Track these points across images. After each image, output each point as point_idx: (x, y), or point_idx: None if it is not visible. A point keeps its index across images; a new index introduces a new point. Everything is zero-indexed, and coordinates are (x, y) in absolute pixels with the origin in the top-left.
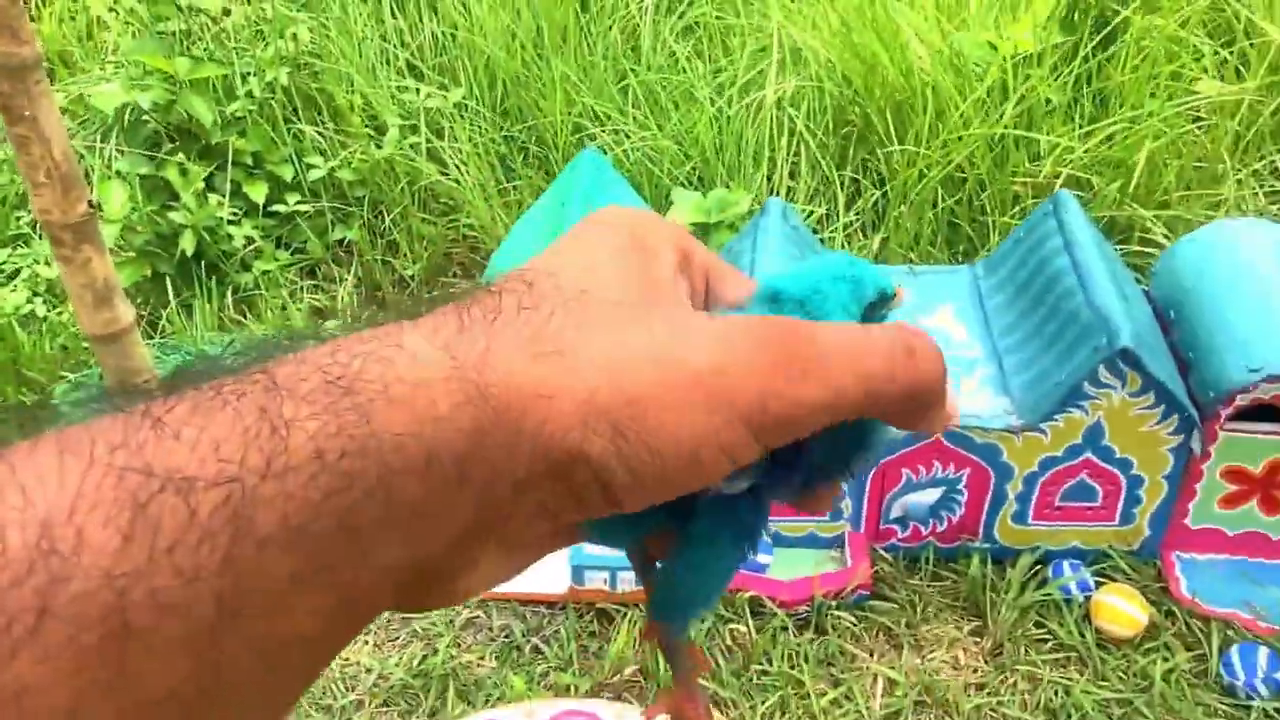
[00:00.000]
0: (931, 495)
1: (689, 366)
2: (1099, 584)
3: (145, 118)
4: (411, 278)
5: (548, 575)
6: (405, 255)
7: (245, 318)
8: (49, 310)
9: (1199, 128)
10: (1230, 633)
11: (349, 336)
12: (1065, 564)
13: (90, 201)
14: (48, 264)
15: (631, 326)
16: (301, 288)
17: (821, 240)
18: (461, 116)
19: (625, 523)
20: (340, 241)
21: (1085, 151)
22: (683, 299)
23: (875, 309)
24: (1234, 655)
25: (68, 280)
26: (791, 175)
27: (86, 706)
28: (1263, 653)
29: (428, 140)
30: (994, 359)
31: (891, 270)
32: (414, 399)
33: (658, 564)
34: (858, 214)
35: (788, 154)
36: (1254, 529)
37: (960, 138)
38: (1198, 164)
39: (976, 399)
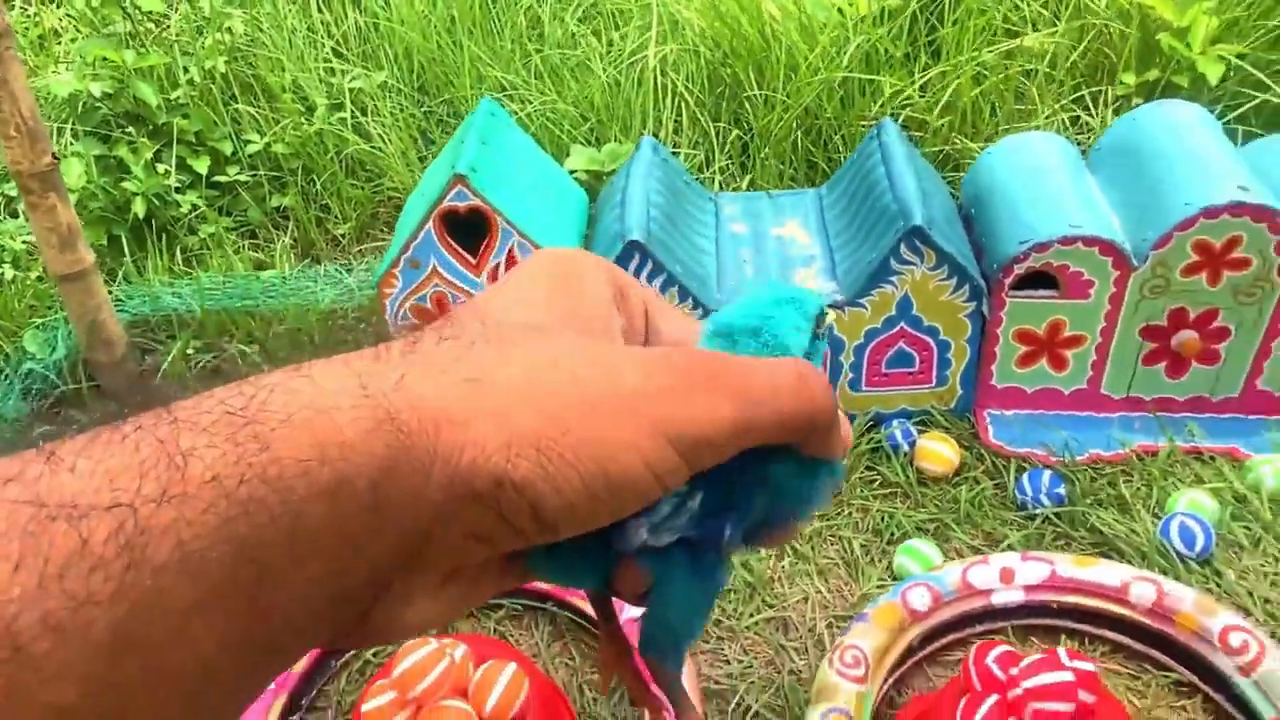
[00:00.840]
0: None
1: (609, 388)
2: (921, 434)
3: (98, 105)
4: (342, 236)
5: None
6: (336, 217)
7: (193, 269)
8: (17, 272)
9: (1021, 71)
10: (1024, 464)
11: (260, 374)
12: (895, 422)
13: (53, 154)
14: (12, 238)
15: (553, 350)
16: (243, 247)
17: (700, 181)
18: (384, 95)
19: (575, 558)
20: (277, 208)
21: (921, 96)
22: (614, 332)
23: (819, 327)
24: (1025, 480)
25: (36, 225)
26: (675, 130)
27: None
28: (1046, 475)
29: (353, 116)
30: (827, 254)
31: (754, 199)
32: (318, 426)
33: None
34: (730, 157)
35: (671, 111)
36: (1047, 385)
37: (809, 83)
38: (1018, 105)
39: (810, 284)
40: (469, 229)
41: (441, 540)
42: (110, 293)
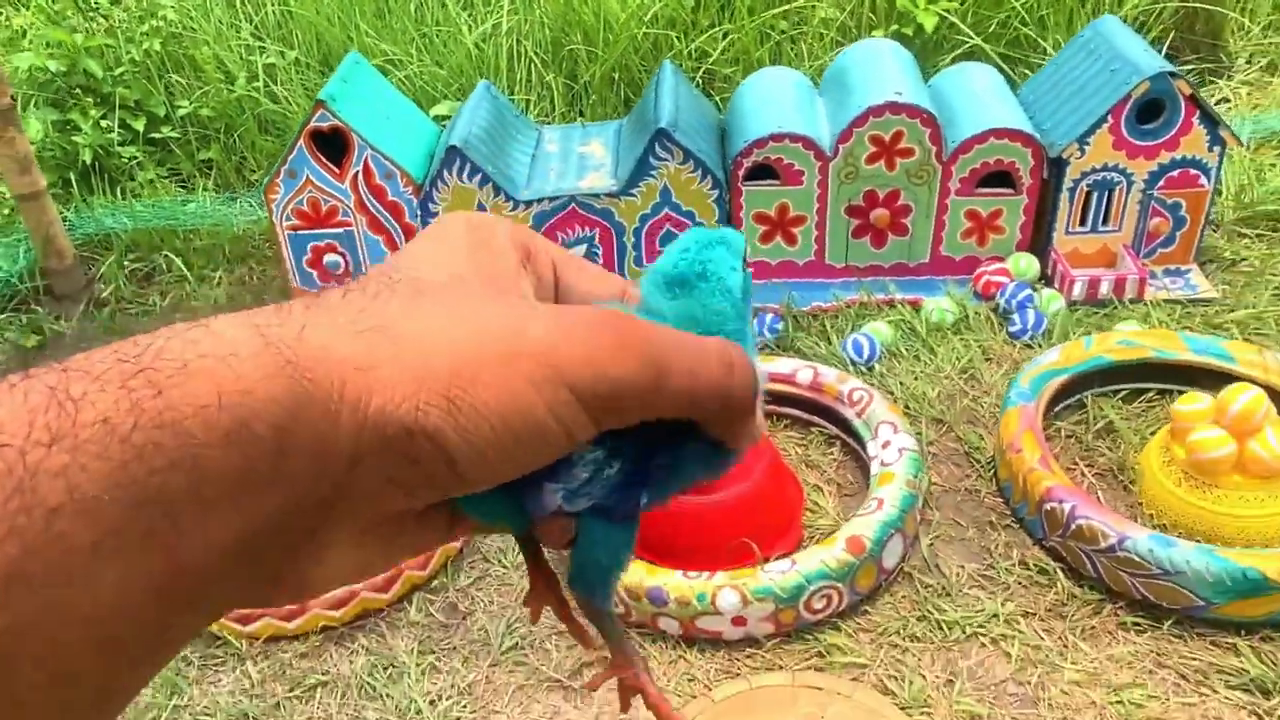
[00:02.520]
0: (579, 250)
1: (518, 340)
2: None
3: (54, 78)
4: (255, 180)
5: None
6: (252, 166)
7: (136, 200)
8: None
9: (795, 31)
10: (755, 313)
11: (160, 326)
12: None
13: (11, 95)
14: None
15: (461, 304)
16: (174, 190)
17: (546, 122)
18: (295, 68)
19: (499, 506)
20: (204, 160)
21: (723, 53)
22: (521, 286)
23: (746, 266)
24: (753, 320)
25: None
26: (526, 85)
27: None
28: (768, 317)
29: (266, 85)
30: (614, 162)
31: (571, 128)
32: (216, 372)
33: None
34: (568, 104)
35: (522, 70)
36: (784, 258)
37: (619, 41)
38: (794, 55)
39: (597, 182)
40: (337, 147)
41: (356, 488)
42: (63, 216)
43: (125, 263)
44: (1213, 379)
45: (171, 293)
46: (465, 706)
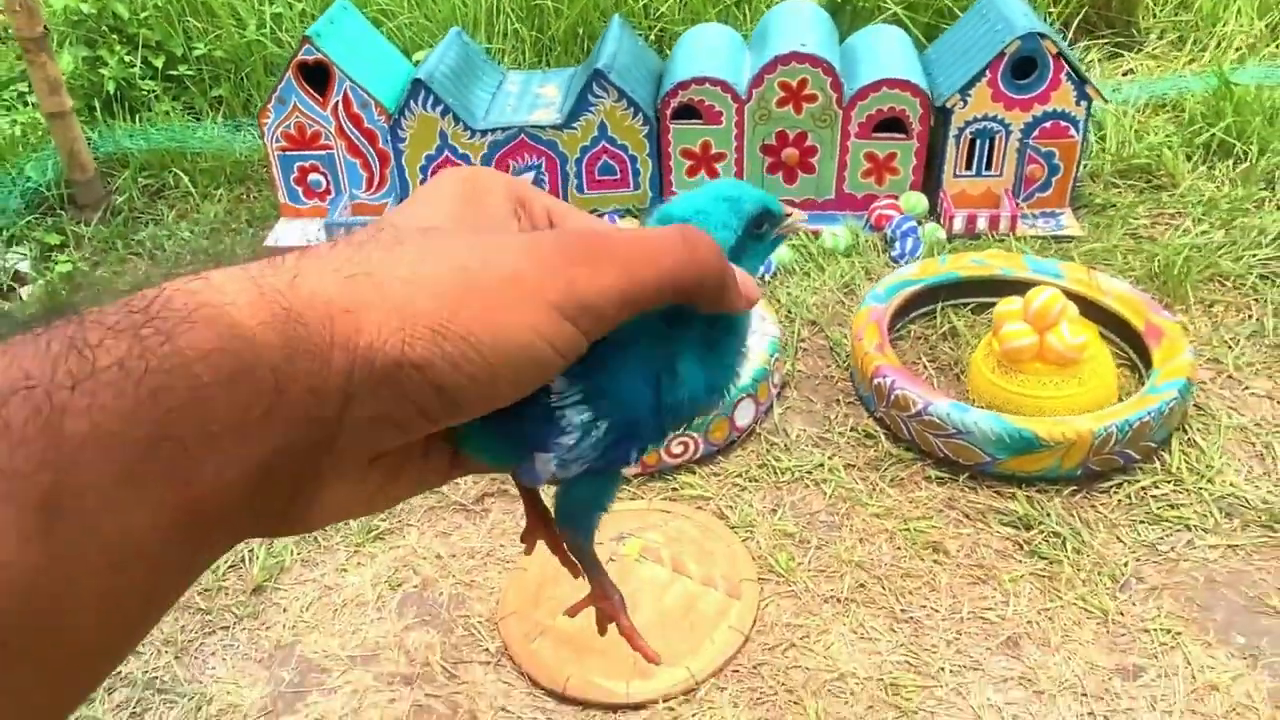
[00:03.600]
0: (528, 177)
1: (496, 268)
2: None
3: (85, 18)
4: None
5: None
6: (256, 103)
7: (151, 126)
8: (21, 129)
9: None
10: None
11: (163, 279)
12: (609, 217)
13: (45, 26)
14: (19, 111)
15: (441, 244)
16: (188, 123)
17: (508, 67)
18: (299, 18)
19: (499, 445)
20: (216, 97)
21: (673, 10)
22: (508, 228)
23: (761, 227)
24: None
25: (33, 76)
26: (503, 37)
27: None
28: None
29: (273, 31)
30: (562, 99)
31: (532, 73)
32: (217, 319)
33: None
34: (536, 55)
35: (499, 24)
36: None
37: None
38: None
39: (544, 116)
40: (321, 79)
41: (351, 424)
42: (86, 136)
43: (139, 178)
44: None
45: (178, 206)
46: (383, 519)
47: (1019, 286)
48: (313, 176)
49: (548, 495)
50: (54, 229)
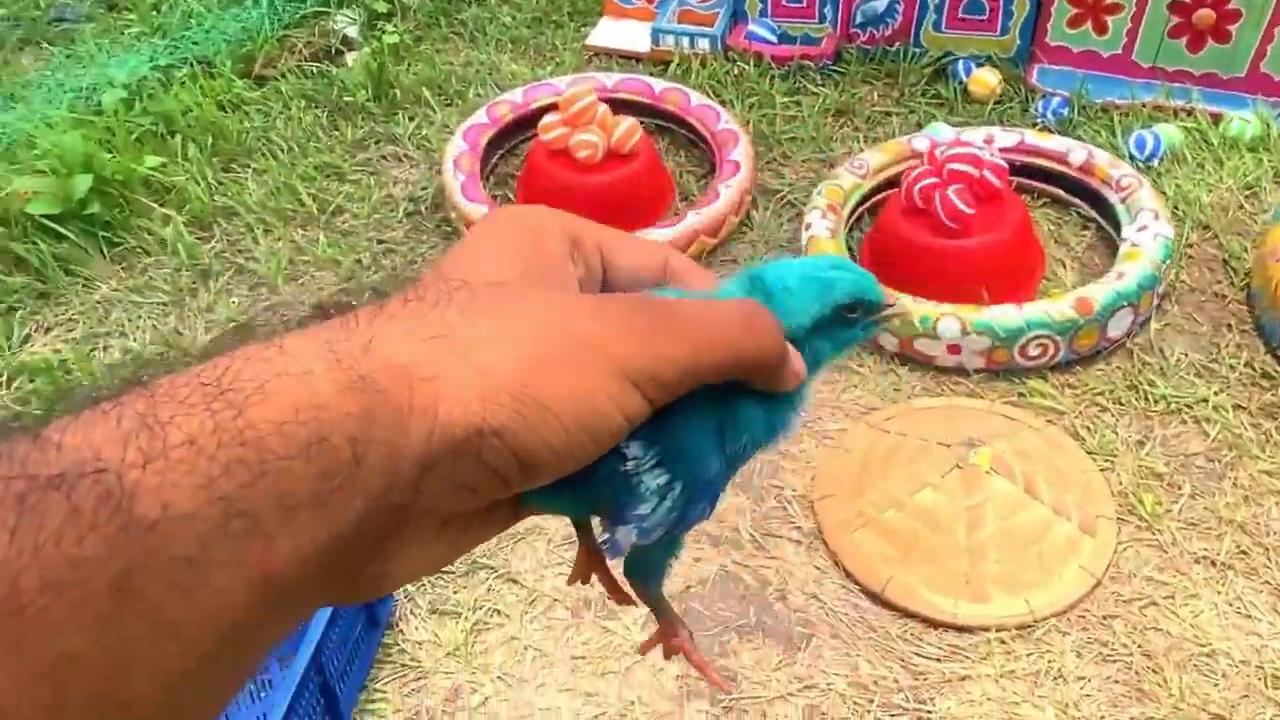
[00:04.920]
0: (881, 3)
1: (573, 335)
2: (978, 67)
3: None
4: None
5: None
6: None
7: None
8: None
9: None
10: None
11: (235, 346)
12: (961, 62)
13: None
14: None
15: (514, 305)
16: None
17: None
18: None
19: (565, 498)
20: None
21: None
22: (569, 282)
23: (853, 314)
24: (1040, 102)
25: None
26: None
27: None
28: (1055, 100)
29: None
30: None
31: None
32: (292, 389)
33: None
34: None
35: None
36: (1089, 47)
37: None
38: None
39: None
40: None
41: (429, 492)
42: None
43: None
44: None
45: None
46: None
47: None
48: None
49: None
50: None
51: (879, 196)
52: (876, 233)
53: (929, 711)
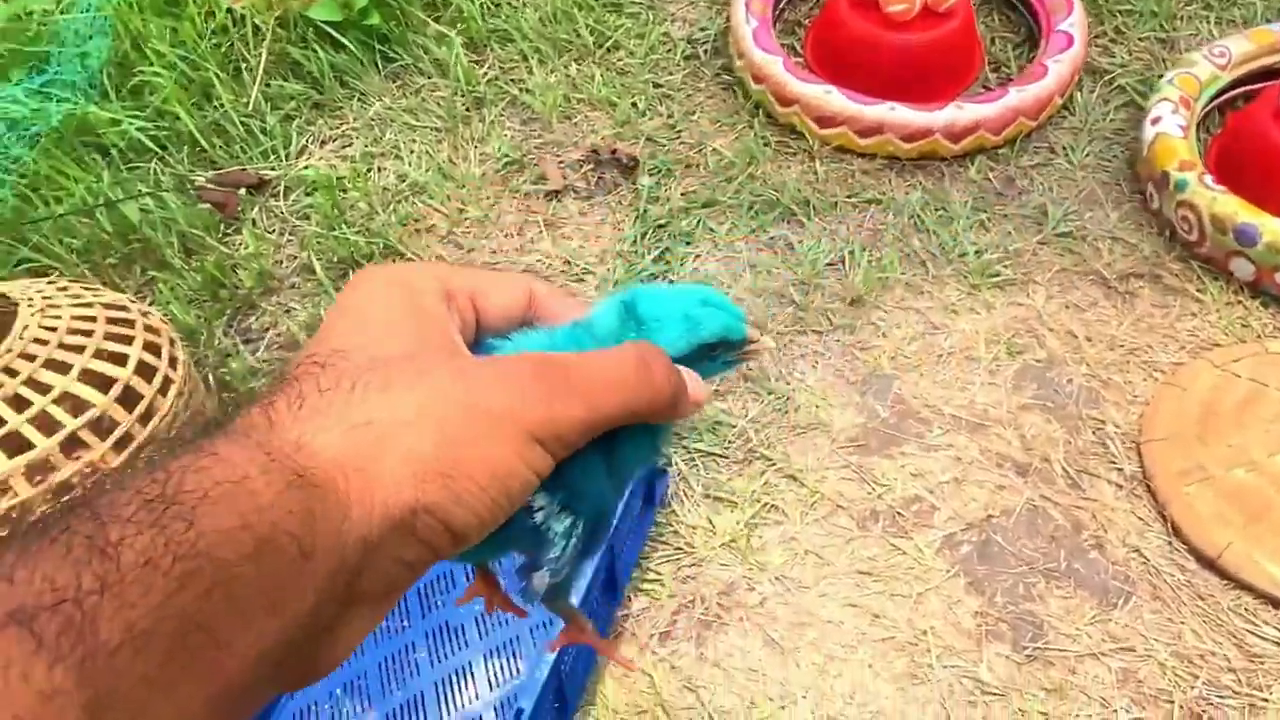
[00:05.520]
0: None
1: (487, 410)
2: None
3: None
4: None
5: None
6: None
7: None
8: None
9: None
10: None
11: (168, 460)
12: None
13: None
14: None
15: (427, 382)
16: None
17: None
18: None
19: (476, 552)
20: None
21: None
22: (456, 339)
23: (717, 350)
24: None
25: None
26: None
27: None
28: None
29: None
30: None
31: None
32: (235, 495)
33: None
34: None
35: None
36: None
37: None
38: None
39: None
40: None
41: (372, 572)
42: None
43: None
44: None
45: None
46: (1008, 266)
47: None
48: None
49: None
50: None
51: (1235, 92)
52: (1233, 138)
53: (1265, 700)
